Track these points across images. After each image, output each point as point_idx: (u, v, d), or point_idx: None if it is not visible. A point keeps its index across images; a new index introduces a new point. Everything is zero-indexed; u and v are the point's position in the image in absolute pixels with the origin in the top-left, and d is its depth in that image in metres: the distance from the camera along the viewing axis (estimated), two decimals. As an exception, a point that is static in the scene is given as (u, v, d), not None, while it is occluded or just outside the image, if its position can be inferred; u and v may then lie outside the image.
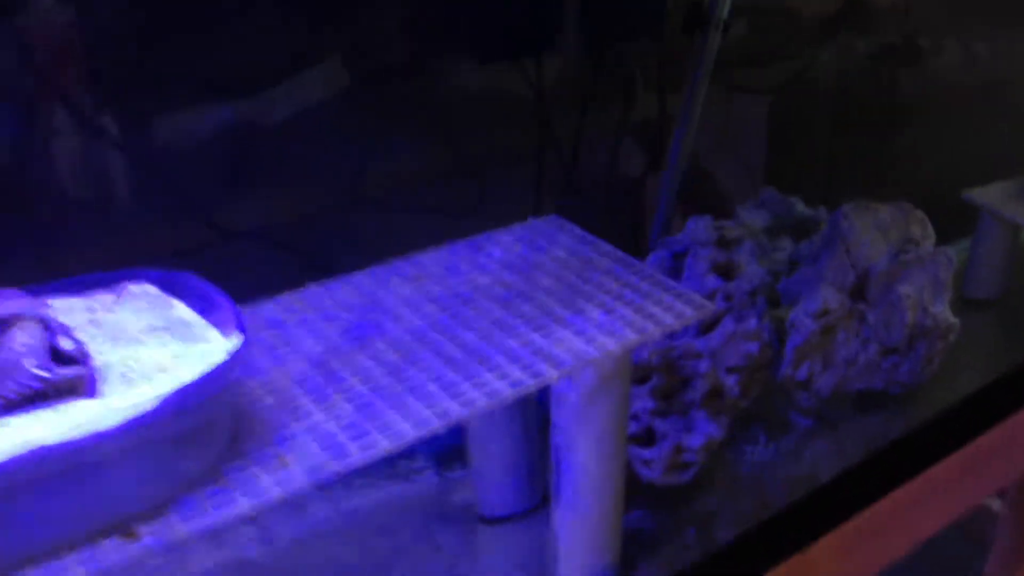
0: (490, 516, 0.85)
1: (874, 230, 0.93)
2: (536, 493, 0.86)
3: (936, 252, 0.92)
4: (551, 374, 0.66)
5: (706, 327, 0.90)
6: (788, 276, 0.95)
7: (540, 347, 0.69)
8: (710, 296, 0.92)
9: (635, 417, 0.84)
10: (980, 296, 1.08)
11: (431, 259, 0.80)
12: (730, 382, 0.90)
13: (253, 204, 1.09)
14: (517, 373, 0.66)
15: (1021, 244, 1.06)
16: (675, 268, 0.96)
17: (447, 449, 0.93)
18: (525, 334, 0.70)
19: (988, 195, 1.04)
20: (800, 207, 1.03)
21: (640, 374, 0.85)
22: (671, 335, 0.85)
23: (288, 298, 0.75)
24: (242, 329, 0.60)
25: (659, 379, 0.85)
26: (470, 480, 0.88)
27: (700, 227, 0.96)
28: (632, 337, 0.70)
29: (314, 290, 0.76)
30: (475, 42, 1.17)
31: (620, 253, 0.79)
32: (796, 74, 1.37)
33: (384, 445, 0.61)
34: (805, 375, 0.93)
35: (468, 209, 1.19)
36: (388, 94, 1.17)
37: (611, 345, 0.69)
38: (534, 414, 0.82)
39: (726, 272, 0.96)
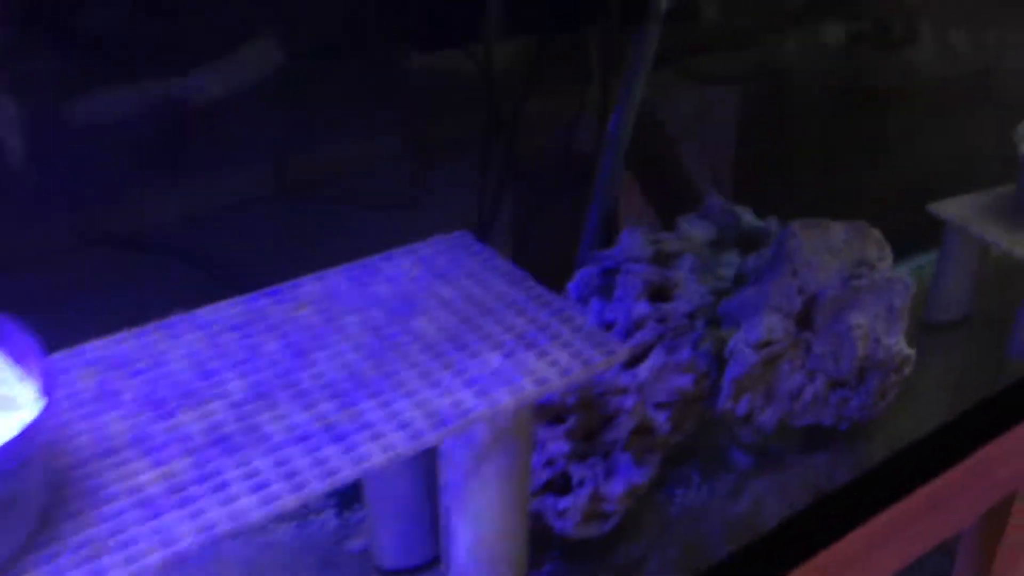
0: (388, 568, 0.77)
1: (824, 251, 0.84)
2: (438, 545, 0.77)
3: (892, 278, 0.84)
4: (429, 437, 0.57)
5: (634, 359, 0.81)
6: (730, 296, 0.86)
7: (424, 399, 0.60)
8: (642, 321, 0.83)
9: (549, 463, 0.76)
10: (944, 319, 1.00)
11: (316, 286, 0.70)
12: (660, 418, 0.81)
13: (158, 200, 0.99)
14: (392, 434, 0.57)
15: (991, 263, 0.98)
16: (606, 286, 0.87)
17: (350, 485, 0.84)
18: (408, 382, 0.61)
19: (954, 208, 0.95)
20: (748, 217, 0.93)
21: (554, 414, 0.76)
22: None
23: (148, 331, 0.66)
24: (50, 390, 0.51)
25: (577, 419, 0.76)
26: (368, 525, 0.80)
27: (634, 241, 0.86)
28: (530, 389, 0.61)
29: (179, 322, 0.67)
30: (420, 25, 1.07)
31: (531, 281, 0.70)
32: (760, 64, 1.28)
33: (225, 527, 0.52)
34: (745, 409, 0.84)
35: (408, 201, 1.10)
36: (325, 76, 1.08)
37: (504, 398, 0.60)
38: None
39: (662, 292, 0.87)
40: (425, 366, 0.62)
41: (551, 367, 0.62)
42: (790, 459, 0.89)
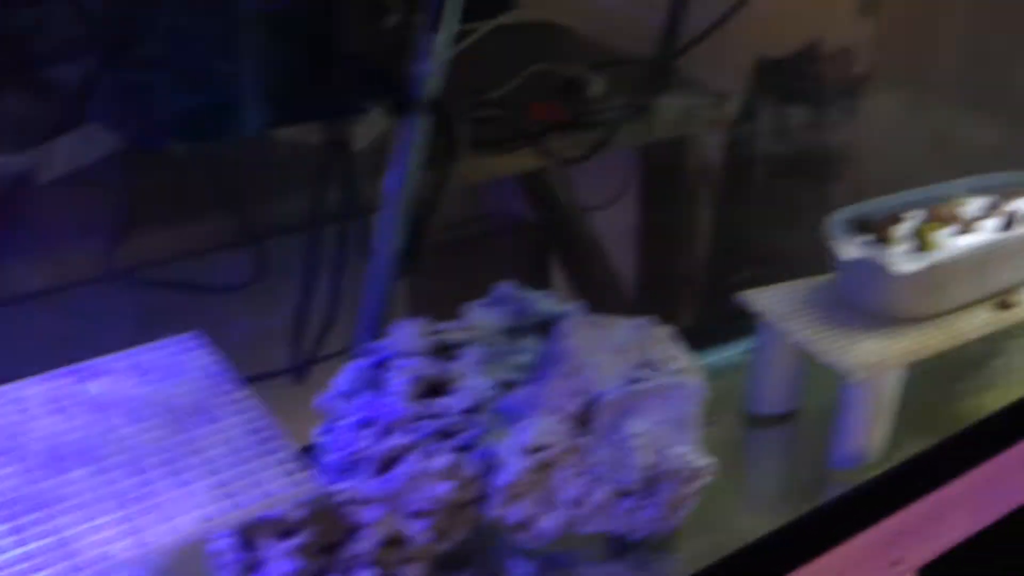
0: None
1: (605, 350, 0.78)
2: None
3: (677, 383, 0.78)
4: (49, 588, 0.51)
5: (384, 465, 0.75)
6: (508, 393, 0.80)
7: (66, 537, 0.53)
8: (396, 423, 0.77)
9: (274, 583, 0.69)
10: (767, 412, 0.94)
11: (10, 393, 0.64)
12: (418, 527, 0.74)
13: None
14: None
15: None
16: (376, 381, 0.81)
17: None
18: (58, 514, 0.55)
19: (766, 300, 0.89)
20: (544, 303, 0.87)
21: (284, 528, 0.70)
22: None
23: None
24: None
25: (310, 533, 0.70)
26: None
27: (407, 333, 0.80)
28: (190, 529, 0.54)
29: None
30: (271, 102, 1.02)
31: (243, 394, 0.64)
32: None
33: None
34: (520, 516, 0.78)
35: (241, 283, 1.04)
36: (158, 159, 1.02)
37: (161, 539, 0.54)
38: None
39: (439, 386, 0.81)
40: (83, 496, 0.56)
41: (224, 500, 0.56)
42: (580, 568, 0.83)
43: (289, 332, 1.00)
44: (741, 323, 0.95)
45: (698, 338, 0.99)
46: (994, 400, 0.99)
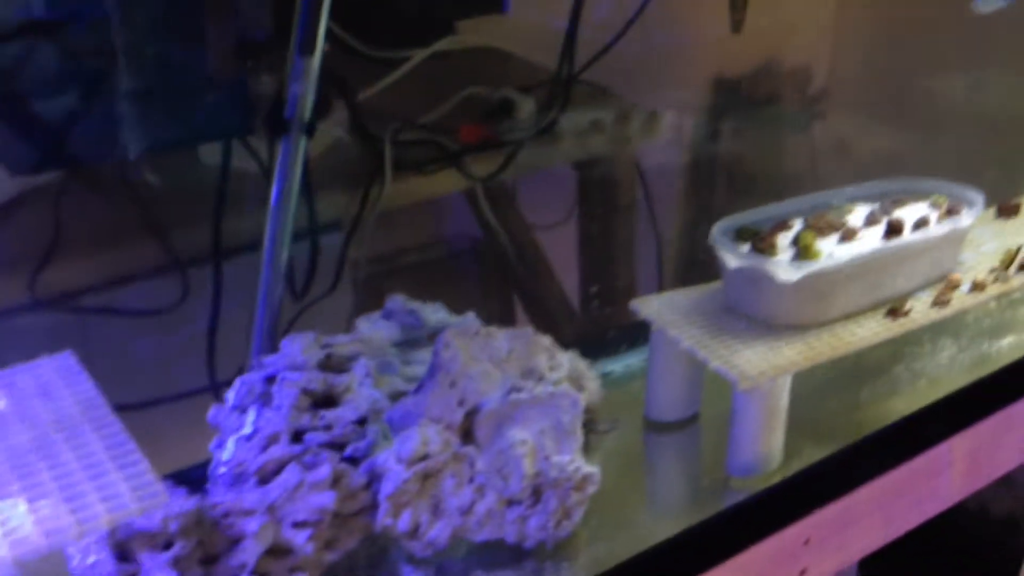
0: None
1: (485, 360, 0.80)
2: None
3: (556, 393, 0.79)
4: None
5: (265, 477, 0.76)
6: (395, 404, 0.81)
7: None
8: (290, 434, 0.78)
9: (151, 595, 0.70)
10: (666, 418, 0.95)
11: None
12: (301, 538, 0.76)
13: None
14: None
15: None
16: (266, 394, 0.82)
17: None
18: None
19: (657, 306, 0.91)
20: (439, 315, 0.89)
21: (160, 541, 0.71)
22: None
23: None
24: None
25: (186, 545, 0.71)
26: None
27: (295, 348, 0.82)
28: (34, 543, 0.56)
29: None
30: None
31: (104, 412, 0.66)
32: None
33: None
34: (408, 525, 0.79)
35: (164, 310, 1.06)
36: (81, 180, 1.04)
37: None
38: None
39: (328, 400, 0.82)
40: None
41: (70, 515, 0.57)
42: (471, 576, 0.84)
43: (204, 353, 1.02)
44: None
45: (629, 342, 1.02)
46: (898, 407, 1.00)
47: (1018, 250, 0.97)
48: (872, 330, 0.90)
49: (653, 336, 0.91)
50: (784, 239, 0.90)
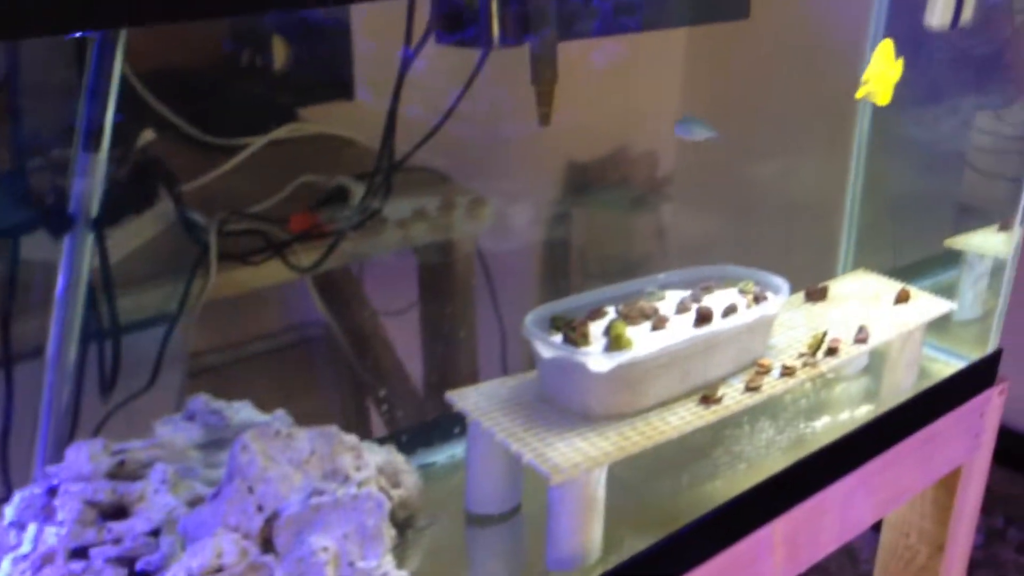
0: None
1: (285, 463, 0.76)
2: None
3: (359, 495, 0.76)
4: None
5: (38, 599, 0.70)
6: (189, 512, 0.77)
7: None
8: (69, 551, 0.73)
9: None
10: (485, 512, 0.93)
11: None
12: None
13: None
14: None
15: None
16: (48, 508, 0.77)
17: None
18: None
19: (474, 398, 0.89)
20: (245, 414, 0.86)
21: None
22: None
23: None
24: None
25: None
26: None
27: (80, 456, 0.77)
28: None
29: None
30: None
31: None
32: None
33: None
34: (204, 643, 0.74)
35: None
36: None
37: None
38: None
39: (118, 510, 0.77)
40: None
41: None
42: None
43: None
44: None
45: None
46: (720, 491, 1.01)
47: (823, 335, 1.00)
48: (685, 418, 0.90)
49: (470, 428, 0.90)
50: (597, 328, 0.90)
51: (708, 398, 0.92)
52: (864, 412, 1.12)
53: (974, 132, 1.44)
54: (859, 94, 0.97)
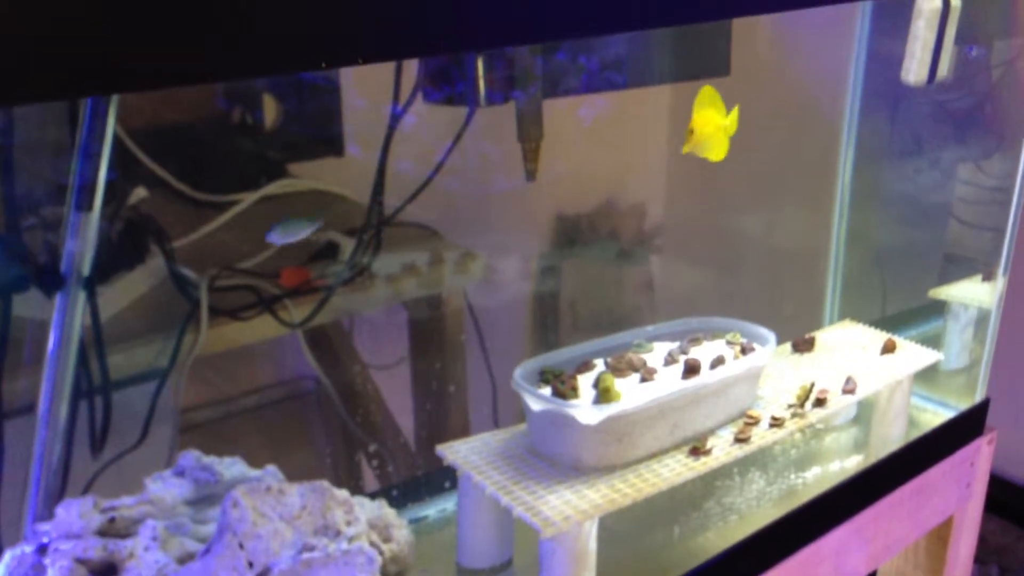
0: None
1: (276, 519, 0.76)
2: None
3: (350, 550, 0.76)
4: None
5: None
6: (178, 570, 0.77)
7: None
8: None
9: None
10: (477, 566, 0.93)
11: None
12: None
13: None
14: None
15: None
16: (39, 567, 0.76)
17: None
18: None
19: (464, 451, 0.90)
20: (236, 469, 0.86)
21: None
22: None
23: None
24: None
25: None
26: None
27: (71, 513, 0.77)
28: None
29: None
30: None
31: None
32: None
33: None
34: None
35: None
36: None
37: None
38: None
39: (107, 568, 0.77)
40: None
41: None
42: None
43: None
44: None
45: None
46: (711, 543, 1.01)
47: (811, 386, 1.01)
48: (675, 470, 0.91)
49: (461, 481, 0.90)
50: (586, 380, 0.91)
51: (697, 449, 0.93)
52: (854, 462, 1.13)
53: (956, 183, 1.47)
54: (685, 148, 0.86)
